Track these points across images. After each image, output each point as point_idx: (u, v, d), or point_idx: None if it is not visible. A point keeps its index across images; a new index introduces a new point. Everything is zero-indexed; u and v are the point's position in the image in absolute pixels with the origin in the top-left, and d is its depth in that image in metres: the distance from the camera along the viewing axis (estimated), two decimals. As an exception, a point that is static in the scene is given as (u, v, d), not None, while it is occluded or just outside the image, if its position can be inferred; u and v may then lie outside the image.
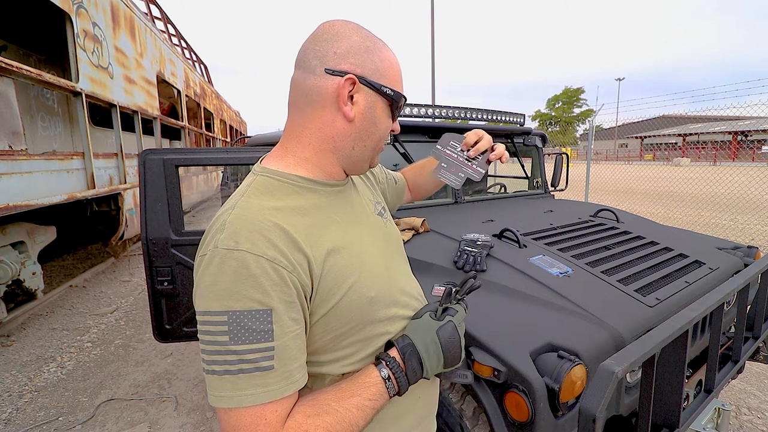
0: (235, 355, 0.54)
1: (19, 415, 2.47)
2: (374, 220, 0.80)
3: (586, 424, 0.69)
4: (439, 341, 0.68)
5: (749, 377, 2.69)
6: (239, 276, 0.55)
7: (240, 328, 0.54)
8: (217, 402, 0.55)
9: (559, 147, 21.23)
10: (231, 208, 0.61)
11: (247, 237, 0.57)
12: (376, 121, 0.69)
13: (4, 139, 3.65)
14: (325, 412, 0.58)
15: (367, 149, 0.71)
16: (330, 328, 0.64)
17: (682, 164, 25.57)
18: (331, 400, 0.60)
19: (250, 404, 0.54)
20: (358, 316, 0.66)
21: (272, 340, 0.55)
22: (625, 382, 1.27)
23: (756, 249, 2.04)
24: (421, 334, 0.69)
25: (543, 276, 1.52)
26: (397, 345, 0.67)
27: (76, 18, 3.97)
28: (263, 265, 0.55)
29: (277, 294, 0.56)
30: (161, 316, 2.13)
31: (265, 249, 0.56)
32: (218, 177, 10.70)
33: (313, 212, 0.66)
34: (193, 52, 11.63)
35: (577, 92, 43.66)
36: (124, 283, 5.00)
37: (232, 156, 2.14)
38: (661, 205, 9.90)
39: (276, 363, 0.56)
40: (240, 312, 0.54)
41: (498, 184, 3.38)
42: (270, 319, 0.55)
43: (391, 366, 0.65)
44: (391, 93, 0.68)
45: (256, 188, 0.65)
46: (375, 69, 0.67)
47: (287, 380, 0.57)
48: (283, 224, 0.60)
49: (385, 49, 0.69)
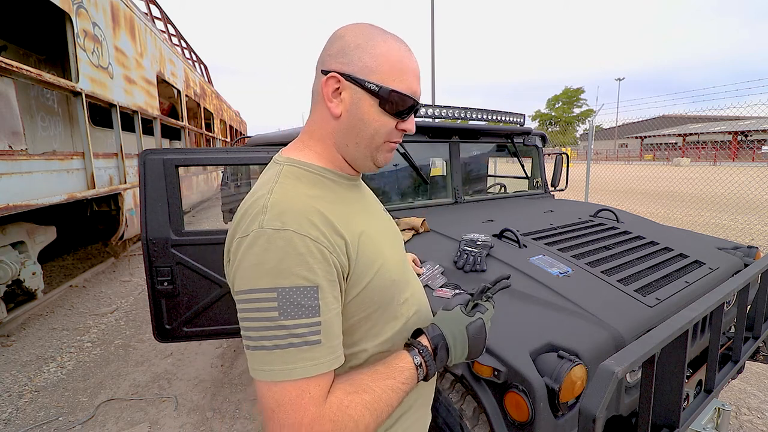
0: (285, 330, 0.56)
1: (19, 415, 2.47)
2: (384, 215, 0.85)
3: (586, 424, 0.69)
4: (467, 335, 0.72)
5: (749, 377, 2.69)
6: (287, 254, 0.57)
7: (289, 304, 0.56)
8: (267, 375, 0.56)
9: (559, 147, 21.24)
10: (268, 193, 0.63)
11: (292, 218, 0.59)
12: (363, 117, 0.68)
13: (4, 139, 3.65)
14: (363, 391, 0.61)
15: (360, 146, 0.71)
16: (362, 306, 0.67)
17: (682, 164, 25.57)
18: (368, 380, 0.63)
19: (300, 377, 0.56)
20: (384, 297, 0.70)
21: (319, 315, 0.58)
22: (625, 382, 1.27)
23: (756, 249, 2.04)
24: (450, 326, 0.72)
25: (543, 276, 1.52)
26: (428, 334, 0.71)
27: (76, 18, 3.97)
28: (308, 245, 0.58)
29: (322, 272, 0.59)
30: (161, 316, 2.13)
31: (309, 229, 0.59)
32: (218, 177, 10.70)
33: (338, 200, 0.70)
34: (193, 52, 11.63)
35: (577, 92, 43.66)
36: (124, 283, 5.00)
37: (232, 156, 2.14)
38: (661, 205, 9.89)
39: (323, 338, 0.58)
40: (289, 288, 0.57)
41: (498, 184, 3.38)
42: (317, 295, 0.58)
43: (423, 353, 0.68)
44: (376, 89, 0.66)
45: (286, 176, 0.68)
46: (363, 66, 0.66)
47: (333, 354, 0.60)
48: (320, 208, 0.63)
49: (385, 44, 0.67)
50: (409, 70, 0.69)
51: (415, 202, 2.42)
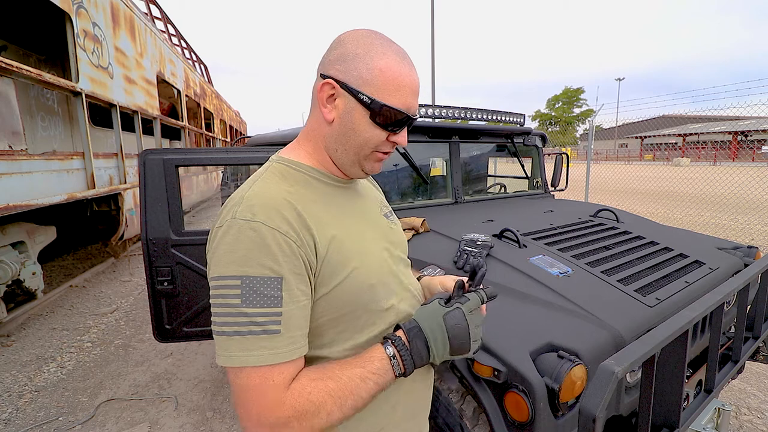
0: (246, 317, 0.58)
1: (19, 415, 2.47)
2: (379, 220, 0.83)
3: (586, 424, 0.69)
4: (445, 326, 0.69)
5: (749, 377, 2.69)
6: (255, 245, 0.59)
7: (252, 293, 0.58)
8: (226, 361, 0.59)
9: (559, 147, 21.23)
10: (249, 187, 0.67)
11: (263, 210, 0.62)
12: (354, 126, 0.69)
13: (4, 139, 3.65)
14: (328, 378, 0.62)
15: (348, 153, 0.72)
16: (331, 307, 0.67)
17: (682, 164, 25.56)
18: (336, 368, 0.64)
19: (256, 364, 0.58)
20: (358, 301, 0.69)
21: (281, 306, 0.60)
22: (625, 382, 1.27)
23: (756, 249, 2.04)
24: (428, 318, 0.71)
25: (543, 276, 1.52)
26: (404, 327, 0.71)
27: (76, 18, 3.97)
28: (277, 237, 0.60)
29: (288, 265, 0.61)
30: (161, 316, 2.13)
31: (279, 223, 0.61)
32: (218, 177, 10.70)
33: (320, 199, 0.71)
34: (193, 52, 11.62)
35: (577, 92, 43.69)
36: (124, 283, 5.00)
37: (232, 156, 2.14)
38: (661, 205, 9.89)
39: (283, 328, 0.60)
40: (253, 278, 0.59)
41: (498, 184, 3.38)
42: (280, 286, 0.60)
43: (397, 344, 0.68)
44: (368, 101, 0.67)
45: (272, 173, 0.71)
46: (358, 76, 0.67)
47: (293, 345, 0.61)
48: (296, 204, 0.65)
49: (383, 58, 0.67)
50: (404, 86, 0.68)
51: (415, 202, 2.42)
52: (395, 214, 0.95)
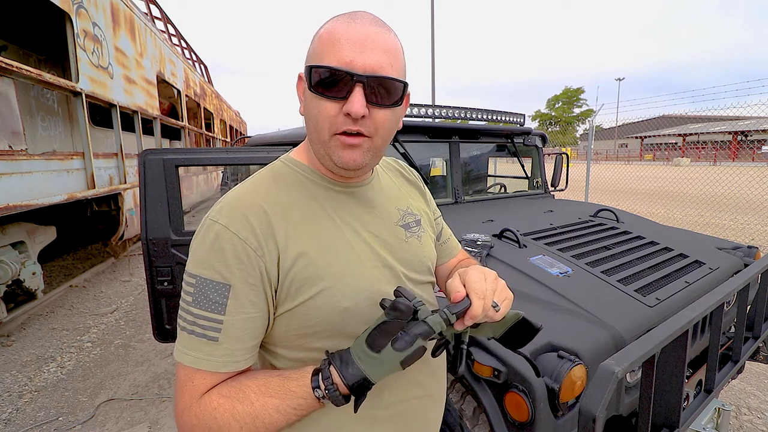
0: (192, 316, 0.58)
1: (19, 415, 2.47)
2: (389, 232, 0.73)
3: (586, 424, 0.69)
4: (367, 346, 0.57)
5: (749, 377, 2.69)
6: (213, 247, 0.59)
7: (200, 294, 0.58)
8: (174, 352, 0.61)
9: (559, 147, 21.23)
10: (236, 188, 0.67)
11: (229, 213, 0.61)
12: (307, 109, 0.63)
13: (4, 139, 3.65)
14: (239, 400, 0.57)
15: (316, 144, 0.65)
16: (295, 324, 0.64)
17: (682, 164, 25.56)
18: (252, 390, 0.58)
19: (189, 364, 0.58)
20: (326, 323, 0.63)
21: (223, 314, 0.58)
22: (625, 382, 1.27)
23: (756, 249, 2.04)
24: (358, 341, 0.59)
25: (543, 276, 1.52)
26: (341, 372, 0.57)
27: (76, 18, 3.97)
28: (234, 243, 0.58)
29: (240, 273, 0.58)
30: (161, 316, 2.13)
31: (241, 228, 0.59)
32: (218, 177, 10.69)
33: (305, 206, 0.66)
34: (193, 52, 11.62)
35: (577, 92, 43.67)
36: (124, 283, 4.99)
37: (232, 156, 2.14)
38: (661, 205, 9.89)
39: (221, 337, 0.58)
40: (204, 279, 0.58)
41: (498, 184, 3.38)
42: (227, 294, 0.58)
43: (329, 389, 0.56)
44: (308, 71, 0.59)
45: (266, 173, 0.69)
46: (310, 55, 0.61)
47: (228, 358, 0.59)
48: (270, 211, 0.62)
49: (327, 25, 0.61)
50: (341, 41, 0.57)
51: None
52: (434, 223, 0.86)
